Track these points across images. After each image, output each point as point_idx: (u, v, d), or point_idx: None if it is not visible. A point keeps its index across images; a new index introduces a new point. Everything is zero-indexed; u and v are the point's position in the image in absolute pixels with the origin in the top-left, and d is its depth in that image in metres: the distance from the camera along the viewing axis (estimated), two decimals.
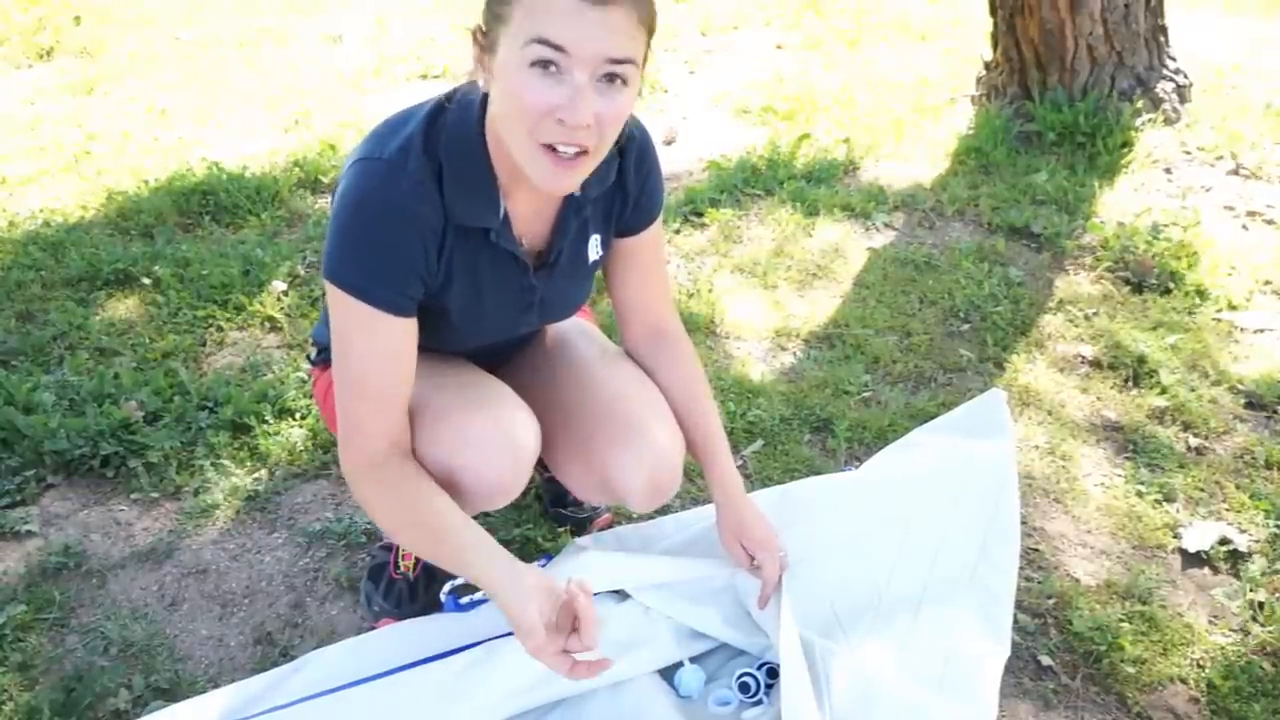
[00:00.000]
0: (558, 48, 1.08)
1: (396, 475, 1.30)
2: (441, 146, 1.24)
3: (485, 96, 1.24)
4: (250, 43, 5.10)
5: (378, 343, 1.26)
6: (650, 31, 1.16)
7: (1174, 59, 3.78)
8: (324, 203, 3.24)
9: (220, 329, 2.52)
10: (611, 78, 1.12)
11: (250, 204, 3.15)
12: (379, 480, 1.30)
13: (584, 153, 1.16)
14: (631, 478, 1.44)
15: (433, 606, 1.62)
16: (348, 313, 1.25)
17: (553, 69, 1.10)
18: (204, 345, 2.47)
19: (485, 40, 1.17)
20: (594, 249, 1.45)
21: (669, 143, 3.74)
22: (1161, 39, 3.73)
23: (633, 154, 1.39)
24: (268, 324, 2.55)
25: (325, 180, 3.36)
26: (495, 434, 1.35)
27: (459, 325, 1.38)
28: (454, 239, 1.28)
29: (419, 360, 1.32)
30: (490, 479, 1.34)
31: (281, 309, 2.59)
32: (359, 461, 1.30)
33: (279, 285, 2.67)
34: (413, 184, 1.22)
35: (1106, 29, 3.58)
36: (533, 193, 1.32)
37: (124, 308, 2.62)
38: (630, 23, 1.11)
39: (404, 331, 1.28)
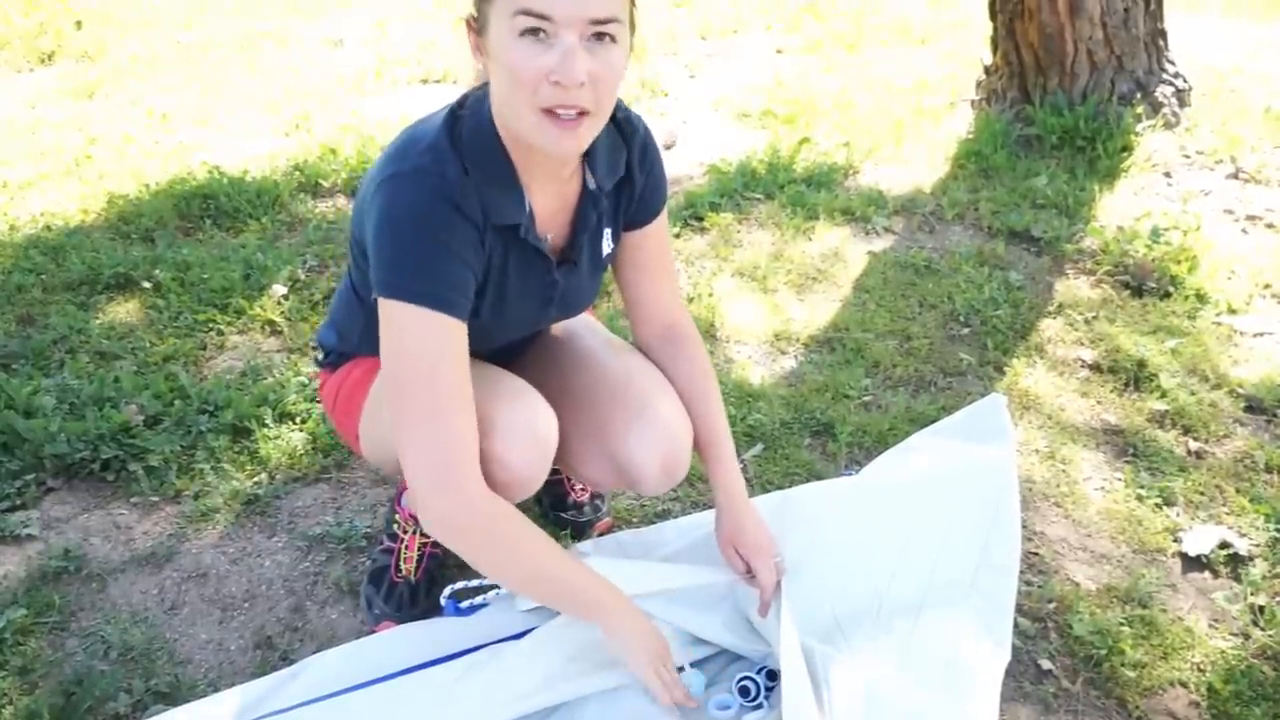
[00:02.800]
0: (542, 16, 1.12)
1: (490, 520, 1.31)
2: (465, 150, 1.26)
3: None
4: (251, 46, 5.11)
5: (453, 348, 1.26)
6: None
7: (1173, 63, 3.78)
8: (324, 207, 3.25)
9: (220, 333, 2.52)
10: (600, 36, 1.15)
11: (251, 208, 3.16)
12: (478, 528, 1.30)
13: (584, 113, 1.18)
14: (645, 456, 1.46)
15: (433, 610, 1.63)
16: (414, 327, 1.24)
17: (542, 35, 1.14)
18: (204, 349, 2.47)
19: (477, 24, 1.20)
20: (607, 243, 1.48)
21: (669, 147, 3.74)
22: (1161, 43, 3.73)
23: (637, 146, 1.42)
24: (268, 328, 2.55)
25: (325, 184, 3.36)
26: (521, 426, 1.36)
27: (486, 323, 1.38)
28: (492, 238, 1.30)
29: None
30: (518, 471, 1.35)
31: (282, 313, 2.59)
32: (460, 499, 1.27)
33: (279, 289, 2.67)
34: (452, 188, 1.24)
35: (1106, 33, 3.58)
36: (551, 187, 1.35)
37: (124, 311, 2.62)
38: None
39: (464, 335, 1.28)
